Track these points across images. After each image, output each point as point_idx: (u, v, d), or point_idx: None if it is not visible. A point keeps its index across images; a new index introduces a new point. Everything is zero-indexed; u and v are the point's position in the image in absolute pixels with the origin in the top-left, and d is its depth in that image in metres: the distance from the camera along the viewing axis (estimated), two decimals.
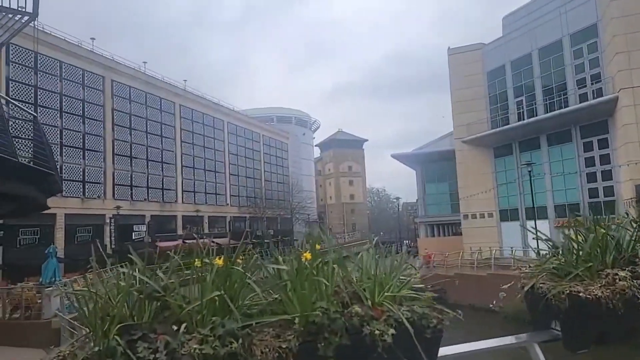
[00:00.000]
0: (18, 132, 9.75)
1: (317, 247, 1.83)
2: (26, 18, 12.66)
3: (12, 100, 8.11)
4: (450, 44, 42.09)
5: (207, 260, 1.95)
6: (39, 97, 33.63)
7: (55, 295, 17.37)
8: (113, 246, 36.60)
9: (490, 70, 39.29)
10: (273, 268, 1.85)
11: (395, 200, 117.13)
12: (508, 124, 36.33)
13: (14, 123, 8.77)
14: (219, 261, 1.94)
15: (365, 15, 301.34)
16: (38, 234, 31.66)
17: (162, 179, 45.54)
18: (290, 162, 74.37)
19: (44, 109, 33.32)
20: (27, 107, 8.20)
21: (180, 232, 46.05)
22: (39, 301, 17.09)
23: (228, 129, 58.87)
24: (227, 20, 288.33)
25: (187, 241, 42.83)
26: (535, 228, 2.79)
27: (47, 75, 34.56)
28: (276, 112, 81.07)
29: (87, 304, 1.75)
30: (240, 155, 61.15)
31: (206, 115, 54.41)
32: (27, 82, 32.90)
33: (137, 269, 1.92)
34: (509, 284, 2.35)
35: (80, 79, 37.47)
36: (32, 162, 8.83)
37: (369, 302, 1.63)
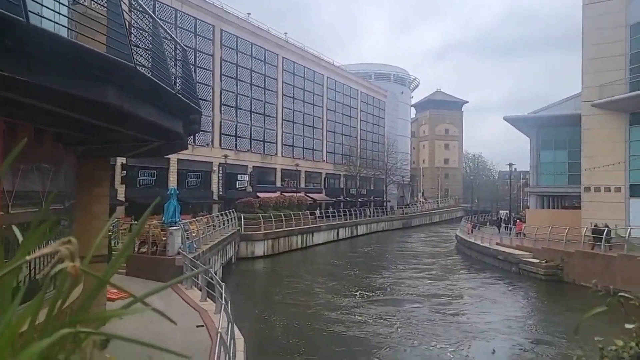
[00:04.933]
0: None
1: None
2: None
3: (162, 26, 7.64)
4: None
5: None
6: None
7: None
8: (220, 193, 38.24)
9: (635, 22, 33.74)
10: None
11: (491, 167, 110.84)
12: None
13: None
14: None
15: None
16: (154, 176, 33.72)
17: (264, 131, 46.28)
18: (386, 122, 72.23)
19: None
20: (146, 55, 7.64)
21: (278, 184, 47.00)
22: (164, 239, 17.97)
23: (327, 84, 58.02)
24: None
25: (285, 193, 43.70)
26: None
27: (164, 23, 35.62)
28: (375, 69, 78.24)
29: None
30: (338, 112, 60.32)
31: (307, 68, 53.87)
32: (146, 30, 34.20)
33: None
34: None
35: (193, 28, 38.33)
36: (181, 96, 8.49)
37: None
